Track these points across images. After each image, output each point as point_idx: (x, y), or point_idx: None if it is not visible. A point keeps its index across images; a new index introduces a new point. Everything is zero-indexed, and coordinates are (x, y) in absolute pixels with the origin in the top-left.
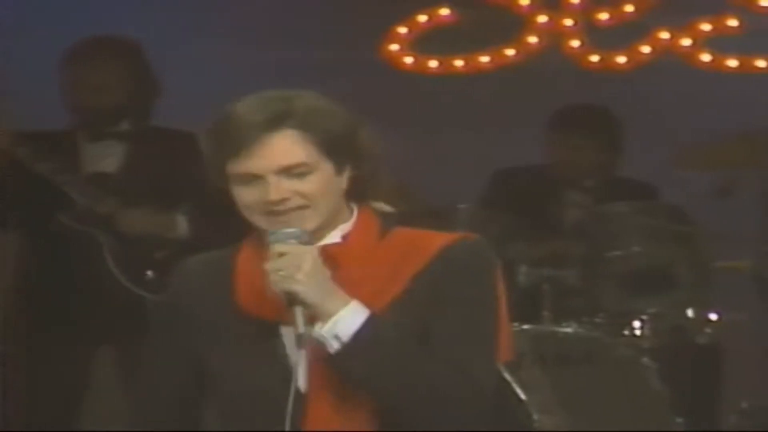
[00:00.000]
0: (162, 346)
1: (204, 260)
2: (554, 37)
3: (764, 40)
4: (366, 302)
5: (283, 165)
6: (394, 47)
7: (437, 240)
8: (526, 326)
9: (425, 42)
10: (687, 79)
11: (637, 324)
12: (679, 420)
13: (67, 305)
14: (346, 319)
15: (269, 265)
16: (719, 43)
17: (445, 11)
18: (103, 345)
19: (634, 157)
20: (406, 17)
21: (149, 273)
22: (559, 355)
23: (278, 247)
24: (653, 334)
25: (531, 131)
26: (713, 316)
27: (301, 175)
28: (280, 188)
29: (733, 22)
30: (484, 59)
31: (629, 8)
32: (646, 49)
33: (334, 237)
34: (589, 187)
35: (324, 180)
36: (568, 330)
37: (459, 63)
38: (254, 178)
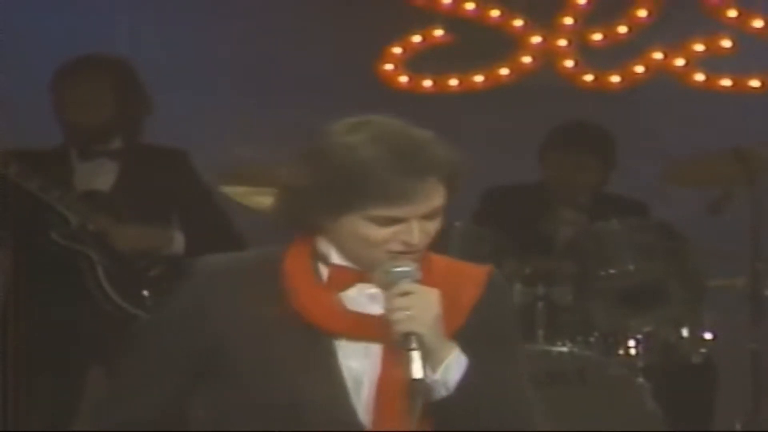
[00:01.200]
0: (172, 338)
1: (238, 260)
2: (548, 56)
3: (758, 59)
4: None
5: (427, 212)
6: (389, 66)
7: (477, 274)
8: None
9: (420, 61)
10: (680, 98)
11: (632, 343)
12: None
13: (60, 323)
14: (453, 367)
15: (395, 303)
16: (713, 62)
17: (438, 31)
18: (96, 363)
19: (628, 175)
20: (400, 37)
21: (145, 293)
22: (553, 374)
23: (405, 286)
24: (647, 352)
25: (525, 149)
26: (708, 336)
27: (434, 218)
28: (422, 232)
29: (726, 43)
30: (479, 78)
31: (623, 29)
32: (639, 68)
33: None
34: (582, 205)
35: (440, 222)
36: (563, 349)
37: (453, 82)
38: (396, 221)
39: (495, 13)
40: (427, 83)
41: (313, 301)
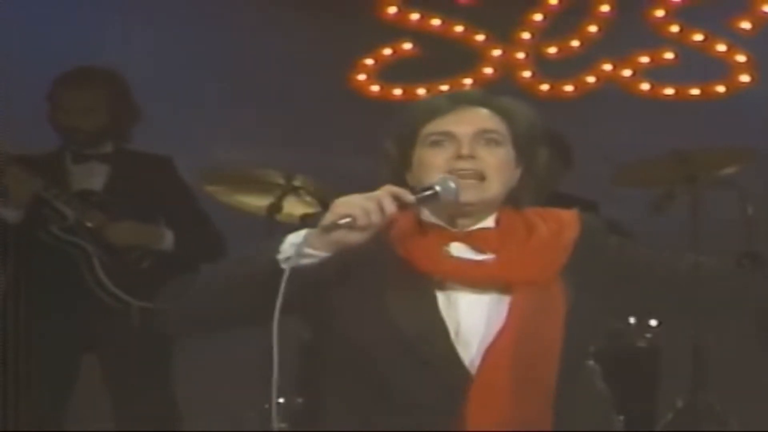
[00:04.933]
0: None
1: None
2: (507, 68)
3: (697, 70)
4: (539, 271)
5: (478, 128)
6: (361, 77)
7: (570, 218)
8: None
9: (390, 72)
10: (627, 105)
11: None
12: (621, 417)
13: (57, 311)
14: None
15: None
16: (657, 73)
17: (407, 44)
18: (91, 349)
19: (580, 175)
20: (372, 50)
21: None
22: None
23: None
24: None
25: None
26: (653, 323)
27: (490, 143)
28: (472, 147)
29: (669, 55)
30: (444, 88)
31: (575, 43)
32: (590, 78)
33: (488, 222)
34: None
35: (506, 159)
36: None
37: (421, 91)
38: (448, 138)
39: (459, 28)
40: (397, 92)
41: (417, 246)
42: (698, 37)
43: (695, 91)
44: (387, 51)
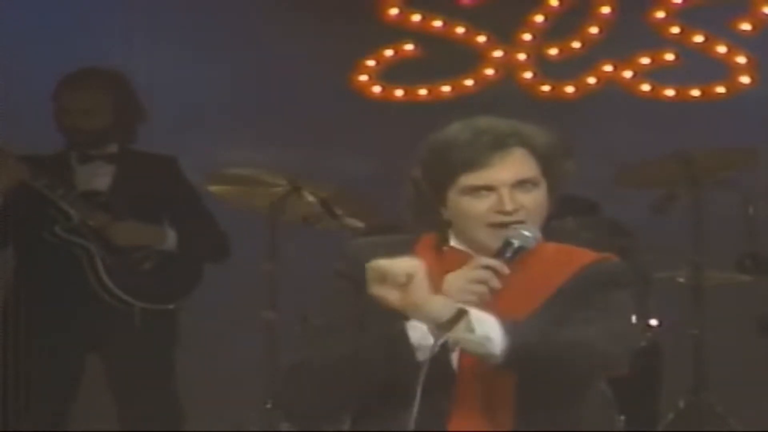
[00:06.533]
0: (340, 305)
1: (380, 243)
2: (509, 69)
3: (698, 71)
4: (521, 301)
5: (517, 179)
6: (363, 77)
7: (581, 259)
8: None
9: (392, 73)
10: (629, 106)
11: None
12: (622, 418)
13: (60, 311)
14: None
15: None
16: (658, 74)
17: (409, 46)
18: (94, 349)
19: (581, 176)
20: (374, 51)
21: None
22: None
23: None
24: None
25: None
26: (654, 322)
27: (530, 189)
28: (513, 200)
29: (669, 56)
30: (446, 88)
31: (576, 44)
32: (592, 80)
33: None
34: None
35: (542, 197)
36: None
37: (423, 92)
38: (487, 191)
39: (460, 29)
40: (399, 93)
41: None
42: (699, 38)
43: (696, 92)
44: (388, 52)
